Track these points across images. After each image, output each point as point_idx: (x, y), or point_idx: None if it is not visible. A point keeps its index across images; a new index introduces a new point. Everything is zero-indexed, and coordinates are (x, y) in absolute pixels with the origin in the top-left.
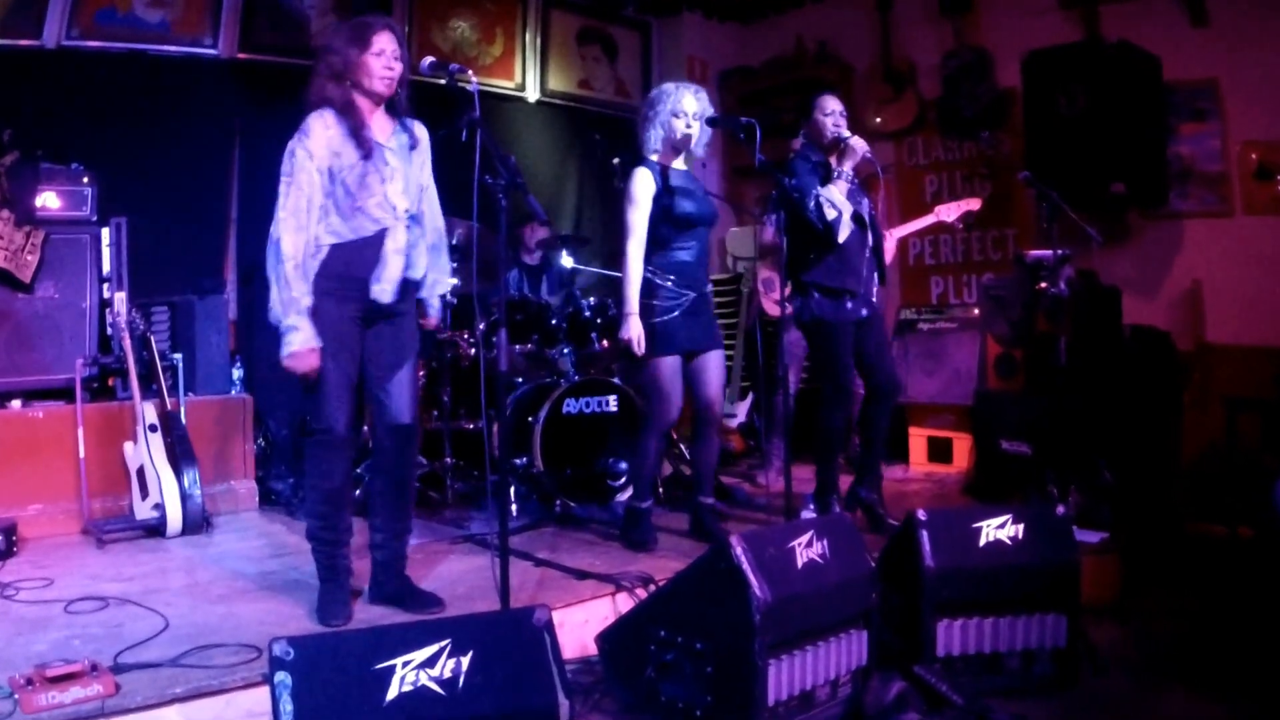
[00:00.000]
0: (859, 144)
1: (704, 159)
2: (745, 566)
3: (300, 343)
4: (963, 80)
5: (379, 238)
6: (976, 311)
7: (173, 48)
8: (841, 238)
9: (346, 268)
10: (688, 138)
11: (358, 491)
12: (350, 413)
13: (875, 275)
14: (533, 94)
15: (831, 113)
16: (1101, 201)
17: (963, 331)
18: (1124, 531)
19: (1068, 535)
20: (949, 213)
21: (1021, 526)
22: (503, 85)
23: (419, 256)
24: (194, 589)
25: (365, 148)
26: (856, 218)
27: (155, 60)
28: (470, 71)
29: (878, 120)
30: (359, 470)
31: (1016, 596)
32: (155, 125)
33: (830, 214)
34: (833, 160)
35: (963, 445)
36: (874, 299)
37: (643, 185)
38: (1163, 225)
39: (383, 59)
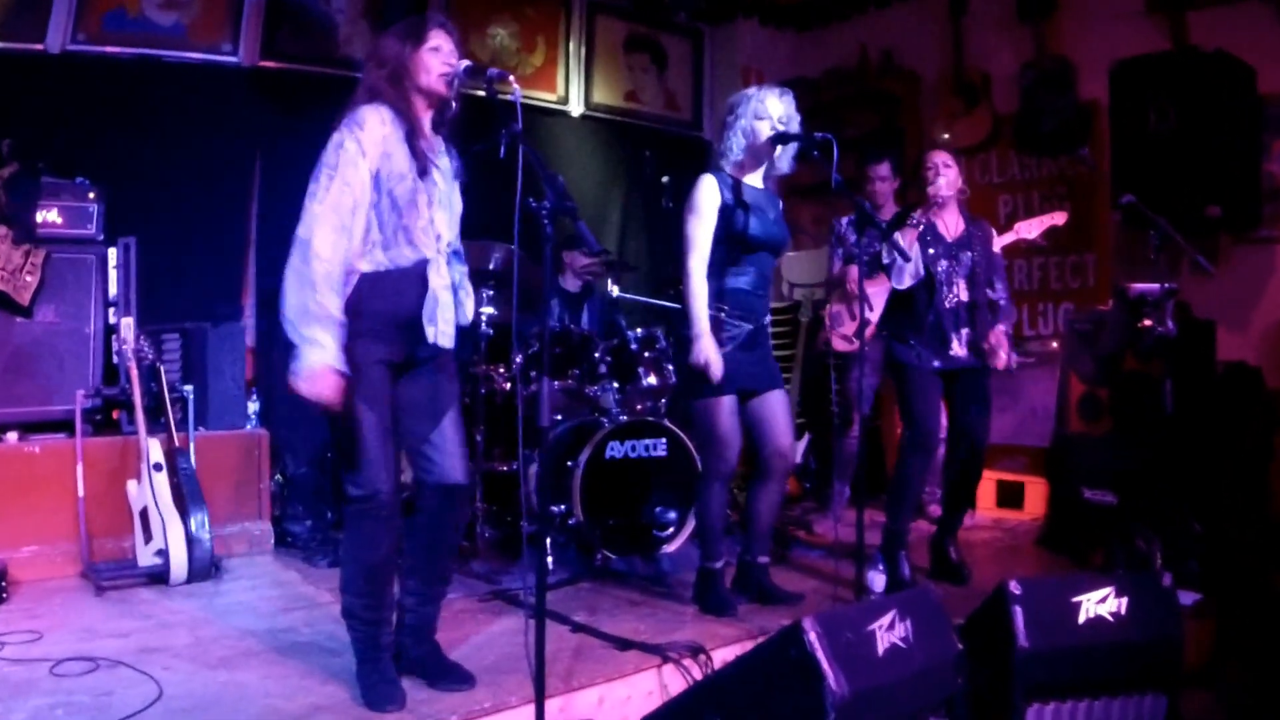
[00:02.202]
0: (933, 191)
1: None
2: (820, 655)
3: (318, 360)
4: (1042, 92)
5: (419, 270)
6: (1055, 345)
7: (188, 54)
8: (900, 285)
9: (383, 304)
10: (771, 145)
11: None
12: (396, 472)
13: (960, 332)
14: (576, 107)
15: (931, 166)
16: (1194, 226)
17: (1039, 366)
18: (1218, 591)
19: (1173, 607)
20: (1031, 229)
21: (1125, 600)
22: (544, 98)
23: (465, 296)
24: (195, 649)
25: (421, 160)
26: (928, 274)
27: (169, 67)
28: (512, 78)
29: (945, 136)
30: None
31: (1115, 677)
32: (168, 137)
33: (885, 258)
34: (922, 212)
35: (1035, 490)
36: (953, 353)
37: (707, 194)
38: (1254, 250)
39: (440, 55)
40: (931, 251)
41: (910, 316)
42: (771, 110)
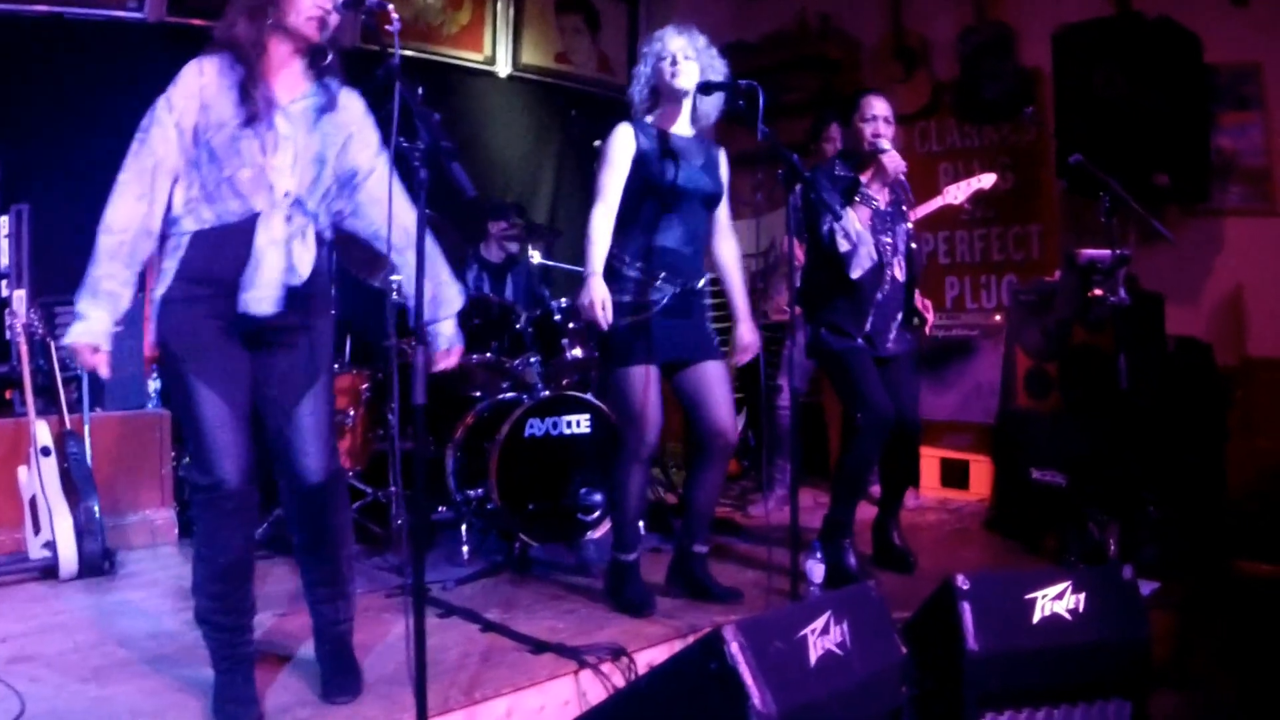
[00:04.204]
0: (891, 163)
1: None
2: (743, 669)
3: (76, 334)
4: (983, 59)
5: (247, 225)
6: (998, 318)
7: (94, 11)
8: (855, 273)
9: (209, 266)
10: (680, 89)
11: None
12: (244, 458)
13: (897, 318)
14: (504, 68)
15: (872, 118)
16: (1142, 195)
17: (982, 340)
18: (1176, 577)
19: (1136, 604)
20: (958, 193)
21: (1083, 596)
22: (470, 58)
23: (304, 250)
24: (70, 657)
25: (251, 106)
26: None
27: (73, 25)
28: (390, 7)
29: None
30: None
31: (1074, 682)
32: (67, 99)
33: (843, 246)
34: (865, 176)
35: (980, 469)
36: (890, 344)
37: (619, 142)
38: (1202, 223)
39: None
40: (873, 229)
41: (851, 307)
42: (671, 46)
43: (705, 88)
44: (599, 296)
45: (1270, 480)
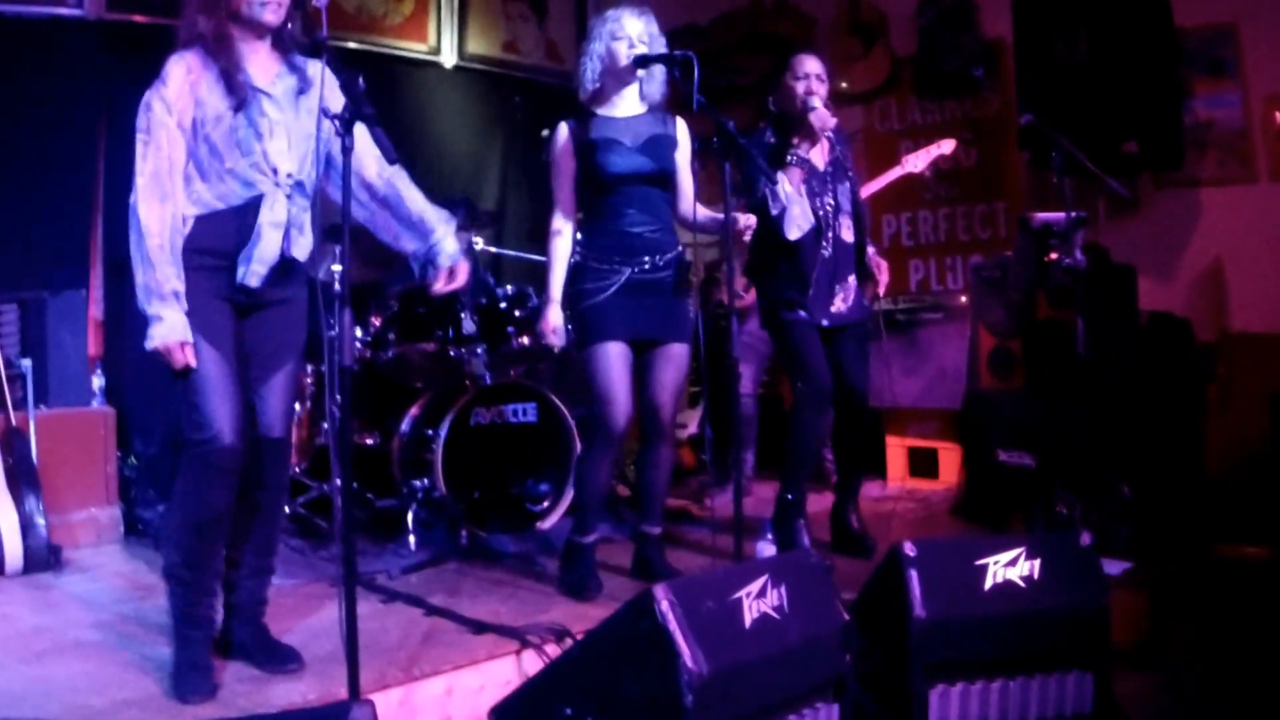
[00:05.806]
0: (818, 120)
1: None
2: (673, 627)
3: (163, 335)
4: (942, 32)
5: (252, 206)
6: (964, 299)
7: (31, 8)
8: (791, 235)
9: (212, 240)
10: (632, 67)
11: None
12: (240, 417)
13: (845, 281)
14: (449, 58)
15: (805, 76)
16: (1112, 164)
17: (948, 323)
18: (1150, 559)
19: (1095, 572)
20: (917, 161)
21: (1037, 562)
22: (414, 48)
23: (298, 234)
24: (12, 643)
25: (237, 95)
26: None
27: (14, 23)
28: None
29: (843, 85)
30: None
31: (1031, 652)
32: (7, 97)
33: (773, 209)
34: (797, 138)
35: (950, 457)
36: (835, 309)
37: (560, 145)
38: (1177, 193)
39: None
40: (810, 190)
41: (792, 272)
42: (629, 29)
43: (642, 60)
44: (550, 326)
45: (1253, 459)
